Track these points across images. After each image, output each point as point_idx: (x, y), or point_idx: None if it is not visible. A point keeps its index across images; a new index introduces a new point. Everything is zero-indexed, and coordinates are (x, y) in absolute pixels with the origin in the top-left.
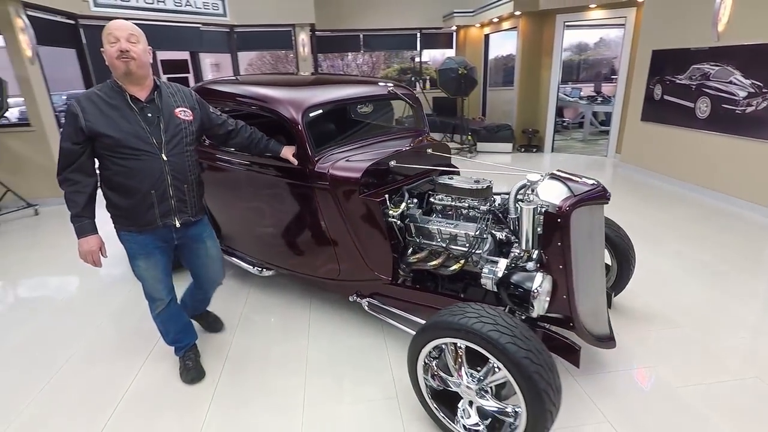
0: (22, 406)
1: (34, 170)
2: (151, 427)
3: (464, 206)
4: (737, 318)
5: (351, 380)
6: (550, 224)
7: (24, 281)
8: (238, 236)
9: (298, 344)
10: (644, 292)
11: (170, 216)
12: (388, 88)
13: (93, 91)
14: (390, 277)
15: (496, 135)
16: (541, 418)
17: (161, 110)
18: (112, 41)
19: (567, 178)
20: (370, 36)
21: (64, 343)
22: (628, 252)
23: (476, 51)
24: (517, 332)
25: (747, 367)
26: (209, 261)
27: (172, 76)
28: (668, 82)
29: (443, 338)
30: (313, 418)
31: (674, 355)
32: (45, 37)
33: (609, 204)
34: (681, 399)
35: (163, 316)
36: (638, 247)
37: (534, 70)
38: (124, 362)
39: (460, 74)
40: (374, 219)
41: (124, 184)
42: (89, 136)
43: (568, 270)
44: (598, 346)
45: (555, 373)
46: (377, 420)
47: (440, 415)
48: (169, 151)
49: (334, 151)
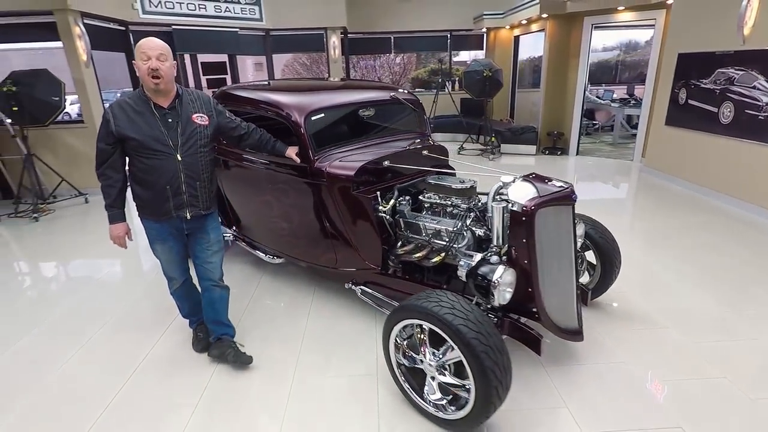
0: (60, 364)
1: (86, 163)
2: (164, 386)
3: (448, 204)
4: (722, 323)
5: (339, 357)
6: (517, 222)
7: (71, 261)
8: (254, 227)
9: (298, 325)
10: (635, 293)
11: (183, 208)
12: (390, 93)
13: (124, 99)
14: (380, 267)
15: (520, 137)
16: (487, 393)
17: (180, 116)
18: (144, 59)
19: (538, 180)
20: (401, 38)
21: (98, 314)
22: (612, 254)
23: (506, 53)
24: (471, 317)
25: (718, 369)
26: (209, 252)
27: (211, 77)
28: (693, 86)
29: (410, 319)
30: (299, 387)
31: (648, 354)
32: (98, 43)
33: (620, 205)
34: (645, 394)
35: (178, 293)
36: (639, 249)
37: (561, 72)
38: (147, 332)
39: (485, 76)
40: (366, 213)
41: (145, 180)
42: (118, 138)
43: (533, 265)
44: (564, 338)
45: (504, 355)
46: (356, 393)
47: (409, 390)
48: (184, 152)
49: (335, 151)
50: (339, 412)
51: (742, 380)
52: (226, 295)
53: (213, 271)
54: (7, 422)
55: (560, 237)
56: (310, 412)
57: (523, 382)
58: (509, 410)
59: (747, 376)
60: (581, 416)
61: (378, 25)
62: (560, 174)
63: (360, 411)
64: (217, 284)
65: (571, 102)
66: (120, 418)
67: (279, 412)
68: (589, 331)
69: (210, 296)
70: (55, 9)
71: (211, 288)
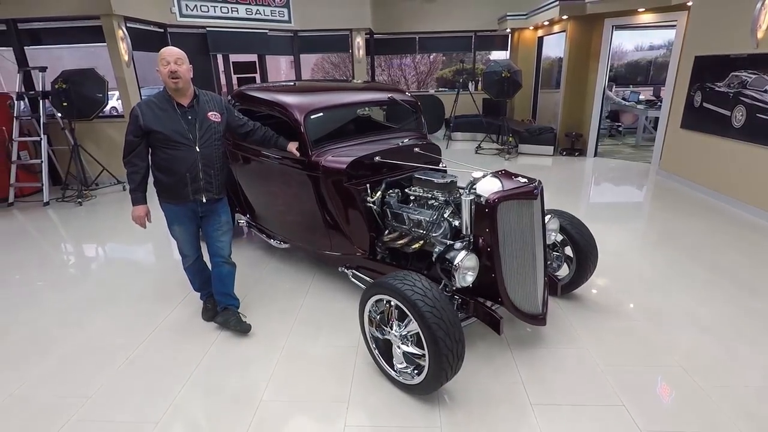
0: (92, 324)
1: None
2: (175, 346)
3: (429, 197)
4: (696, 319)
5: (327, 331)
6: (481, 213)
7: (108, 241)
8: (263, 214)
9: (296, 302)
10: (616, 288)
11: (200, 193)
12: (388, 95)
13: (150, 99)
14: (367, 252)
15: (538, 137)
16: (439, 360)
17: (198, 113)
18: (164, 63)
19: (505, 176)
20: (426, 38)
21: (126, 286)
22: (587, 249)
23: (529, 53)
24: (428, 294)
25: (676, 359)
26: (220, 232)
27: (241, 76)
28: (708, 89)
29: (380, 294)
30: (288, 353)
31: (612, 343)
32: (139, 44)
33: (627, 207)
34: (599, 376)
35: (191, 269)
36: (635, 249)
37: (581, 73)
38: (165, 303)
39: (504, 77)
40: (356, 203)
41: (168, 168)
42: (145, 131)
43: (495, 253)
44: (526, 322)
45: (455, 328)
46: (336, 361)
47: (378, 357)
48: (201, 144)
49: (332, 147)
50: (319, 375)
51: (696, 370)
52: (233, 271)
53: (223, 248)
54: (47, 365)
55: (523, 229)
56: (294, 374)
57: (487, 360)
58: (469, 383)
59: (702, 366)
60: (533, 391)
61: (403, 26)
62: (574, 176)
63: (337, 376)
64: (226, 261)
65: (590, 103)
66: (136, 369)
67: (268, 373)
68: (560, 319)
69: (219, 271)
70: (102, 14)
71: (221, 264)
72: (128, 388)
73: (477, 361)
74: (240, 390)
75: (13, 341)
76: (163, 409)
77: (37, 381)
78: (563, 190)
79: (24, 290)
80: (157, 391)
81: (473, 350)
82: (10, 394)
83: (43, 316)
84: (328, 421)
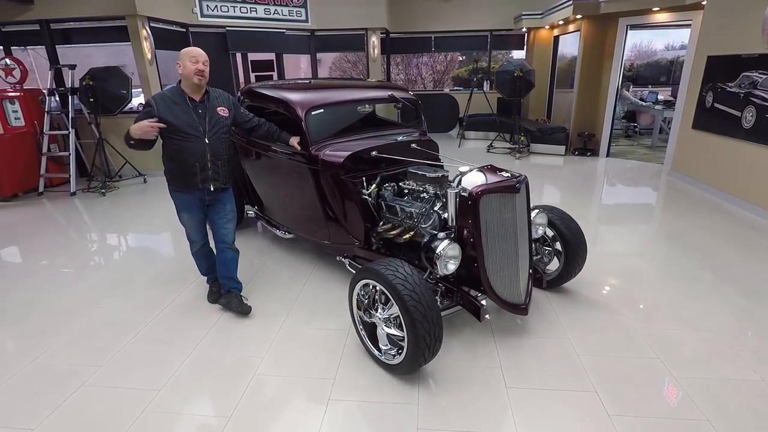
0: (108, 301)
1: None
2: (181, 324)
3: (421, 190)
4: (684, 316)
5: (321, 315)
6: (464, 206)
7: (128, 229)
8: (270, 206)
9: (295, 288)
10: (609, 285)
11: (207, 182)
12: (388, 93)
13: (164, 93)
14: (362, 242)
15: (550, 137)
16: (416, 341)
17: (207, 108)
18: (194, 61)
19: (490, 171)
20: (441, 37)
21: (141, 269)
22: (576, 244)
23: (545, 53)
24: (409, 279)
25: (655, 351)
26: (225, 220)
27: (259, 74)
28: (719, 89)
29: (366, 279)
30: (283, 334)
31: (594, 334)
32: (161, 43)
33: (633, 206)
34: (576, 364)
35: (198, 254)
36: (634, 247)
37: (594, 73)
38: (175, 285)
39: (516, 76)
40: (352, 195)
41: (178, 157)
42: (158, 121)
43: (477, 243)
44: (508, 311)
45: (433, 311)
46: (327, 342)
47: (365, 336)
48: (210, 136)
49: (333, 141)
50: (310, 355)
51: (674, 363)
52: (237, 257)
53: (227, 235)
54: (66, 338)
55: (505, 221)
56: (287, 352)
57: (471, 346)
58: (450, 366)
59: (680, 359)
60: (510, 375)
61: (419, 25)
62: (584, 175)
63: (327, 356)
64: (230, 247)
65: (603, 103)
66: (144, 344)
67: (263, 351)
68: (547, 311)
69: (224, 256)
70: (127, 14)
71: (225, 249)
72: (136, 360)
73: (460, 346)
74: (236, 364)
75: (39, 316)
76: (166, 379)
77: (56, 351)
78: (571, 189)
79: (50, 272)
80: (162, 363)
81: (458, 337)
82: (33, 361)
83: (66, 295)
84: (314, 394)
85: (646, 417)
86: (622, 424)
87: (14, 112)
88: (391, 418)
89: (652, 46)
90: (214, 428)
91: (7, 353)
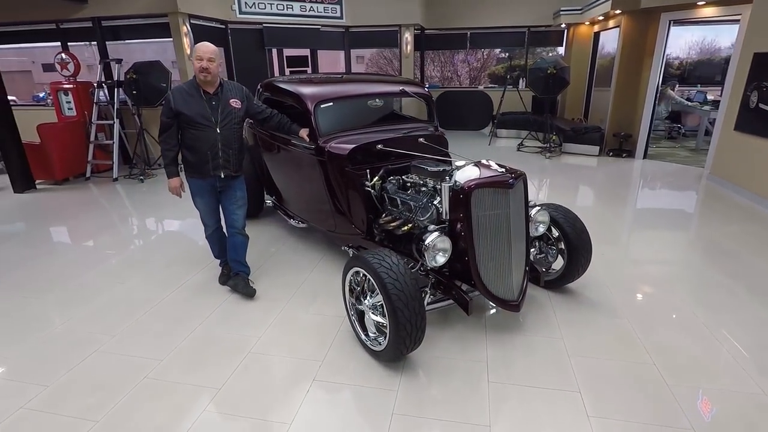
0: (125, 284)
1: None
2: (190, 303)
3: (421, 184)
4: (690, 324)
5: (321, 302)
6: (456, 199)
7: (161, 214)
8: (285, 196)
9: (301, 275)
10: (617, 288)
11: (218, 169)
12: (399, 87)
13: (182, 86)
14: (364, 232)
15: (583, 136)
16: (397, 329)
17: (220, 100)
18: (198, 59)
19: (485, 165)
20: (477, 34)
21: (163, 251)
22: (579, 244)
23: (585, 49)
24: (394, 268)
25: (653, 357)
26: (235, 206)
27: (294, 69)
28: (765, 88)
29: (356, 267)
30: (282, 317)
31: (590, 336)
32: (200, 39)
33: (664, 211)
34: (564, 364)
35: (212, 237)
36: (652, 252)
37: (634, 71)
38: (191, 267)
39: (549, 73)
40: (355, 187)
41: (192, 146)
42: (175, 113)
43: (468, 237)
44: (500, 306)
45: (415, 301)
46: (322, 327)
47: (356, 322)
48: (222, 126)
49: (341, 134)
50: (303, 338)
51: (670, 369)
52: (246, 242)
53: (237, 220)
54: (87, 309)
55: (498, 217)
56: (282, 334)
57: (460, 339)
58: (436, 357)
59: (677, 366)
60: (494, 370)
61: (454, 22)
62: (616, 177)
63: (319, 339)
64: (240, 232)
65: (642, 102)
66: (154, 319)
67: (260, 331)
68: (544, 310)
69: (233, 240)
70: (169, 12)
71: (235, 234)
72: (145, 332)
73: (451, 339)
74: (234, 342)
75: (67, 289)
76: (168, 351)
77: (77, 320)
78: (600, 191)
79: (87, 250)
80: (168, 336)
81: (450, 330)
82: (56, 328)
83: (96, 270)
84: (300, 373)
85: (626, 421)
86: (599, 426)
87: (67, 103)
88: (369, 401)
89: (715, 43)
90: (204, 398)
91: (38, 319)
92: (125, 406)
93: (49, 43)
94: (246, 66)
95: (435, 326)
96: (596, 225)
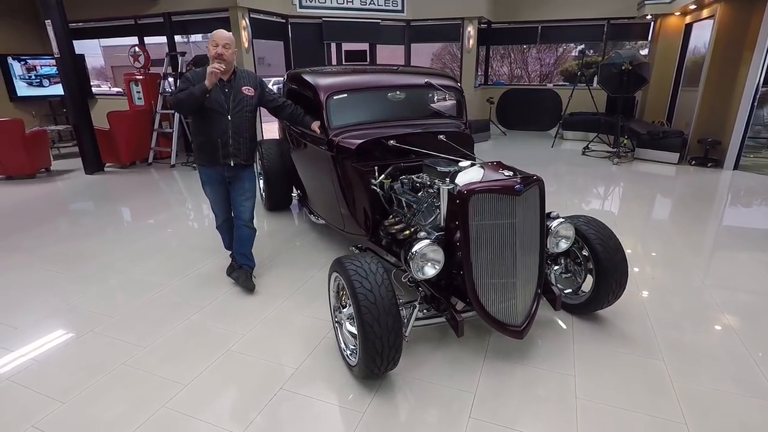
0: (142, 267)
1: None
2: (192, 292)
3: (429, 185)
4: (743, 373)
5: (318, 304)
6: (453, 204)
7: (195, 202)
8: (307, 191)
9: (308, 273)
10: (661, 320)
11: (228, 158)
12: (424, 79)
13: (199, 71)
14: (368, 234)
15: (661, 141)
16: (366, 346)
17: (233, 87)
18: (213, 45)
19: (493, 167)
20: (549, 27)
21: (184, 239)
22: (609, 265)
23: (673, 45)
24: (370, 278)
25: (685, 414)
26: (243, 198)
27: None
28: None
29: (335, 272)
30: (275, 315)
31: (609, 376)
32: (261, 33)
33: (748, 231)
34: (568, 406)
35: (221, 228)
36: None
37: (729, 68)
38: (206, 256)
39: (624, 69)
40: (361, 184)
41: (202, 132)
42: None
43: (464, 248)
44: (499, 331)
45: (390, 316)
46: (310, 331)
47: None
48: (233, 114)
49: (355, 127)
50: (288, 341)
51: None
52: (252, 235)
53: (245, 212)
54: (99, 289)
55: (502, 228)
56: (269, 333)
57: (453, 363)
58: (419, 379)
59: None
60: (481, 403)
61: (524, 14)
62: (696, 189)
63: (303, 344)
64: (247, 224)
65: (736, 104)
66: (154, 304)
67: (250, 328)
68: (561, 339)
69: (240, 233)
70: (230, 7)
71: (242, 226)
72: (142, 317)
73: (441, 360)
74: (219, 336)
75: (87, 267)
76: (156, 339)
77: (87, 299)
78: (673, 204)
79: (127, 229)
80: (159, 324)
81: (444, 349)
82: (68, 303)
83: (124, 251)
84: (270, 379)
85: None
86: None
87: (138, 93)
88: (329, 421)
89: None
90: (168, 393)
91: (53, 293)
92: (94, 391)
93: (127, 38)
94: (304, 61)
95: (428, 343)
96: (654, 243)
